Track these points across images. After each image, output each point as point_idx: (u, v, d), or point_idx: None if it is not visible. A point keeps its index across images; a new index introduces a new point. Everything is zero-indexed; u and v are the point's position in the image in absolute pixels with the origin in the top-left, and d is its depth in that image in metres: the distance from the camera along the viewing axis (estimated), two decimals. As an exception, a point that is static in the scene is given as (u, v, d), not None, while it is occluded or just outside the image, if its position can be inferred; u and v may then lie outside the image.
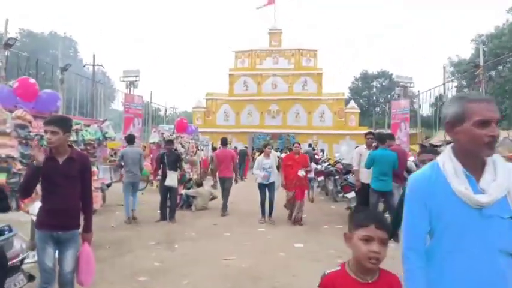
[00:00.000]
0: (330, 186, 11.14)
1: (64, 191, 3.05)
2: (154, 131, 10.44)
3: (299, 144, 8.26)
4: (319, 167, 13.54)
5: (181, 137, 10.56)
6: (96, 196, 7.01)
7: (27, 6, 79.01)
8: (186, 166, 10.97)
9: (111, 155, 22.23)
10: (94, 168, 6.66)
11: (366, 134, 7.66)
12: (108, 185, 10.19)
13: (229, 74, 30.29)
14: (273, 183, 8.04)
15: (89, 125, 6.53)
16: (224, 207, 9.09)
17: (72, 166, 3.08)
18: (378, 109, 53.19)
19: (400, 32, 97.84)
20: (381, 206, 7.16)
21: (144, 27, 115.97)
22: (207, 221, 8.27)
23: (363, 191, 7.30)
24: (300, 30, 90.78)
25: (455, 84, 37.71)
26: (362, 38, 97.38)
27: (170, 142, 8.57)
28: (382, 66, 60.85)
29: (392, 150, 6.45)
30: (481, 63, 12.73)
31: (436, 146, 18.01)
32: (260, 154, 9.74)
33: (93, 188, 6.85)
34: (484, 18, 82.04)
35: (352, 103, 30.94)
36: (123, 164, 8.06)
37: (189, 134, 11.04)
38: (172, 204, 8.22)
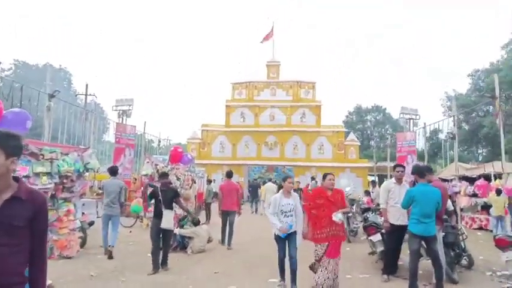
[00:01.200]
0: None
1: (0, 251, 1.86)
2: (148, 162, 9.21)
3: (333, 176, 5.56)
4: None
5: (177, 169, 9.40)
6: (72, 240, 5.78)
7: (23, 38, 79.32)
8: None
9: (99, 188, 20.92)
10: (70, 207, 5.46)
11: (394, 167, 6.58)
12: (91, 224, 8.89)
13: (226, 105, 29.59)
14: (294, 233, 5.53)
15: (67, 154, 5.38)
16: (229, 239, 8.76)
17: (18, 211, 1.90)
18: (372, 143, 53.13)
19: (394, 67, 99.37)
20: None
21: (140, 57, 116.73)
22: (207, 267, 6.98)
23: (393, 233, 6.19)
24: (298, 63, 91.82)
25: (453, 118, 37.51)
26: (357, 72, 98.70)
27: (165, 175, 7.18)
28: (376, 100, 61.76)
29: (434, 186, 5.37)
30: (497, 94, 11.98)
31: (447, 180, 17.06)
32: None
33: (68, 231, 5.66)
34: (477, 54, 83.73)
35: (351, 135, 30.20)
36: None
37: (184, 164, 9.88)
38: (165, 248, 6.84)
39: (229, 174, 9.52)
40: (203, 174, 17.91)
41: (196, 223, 8.51)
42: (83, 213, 7.99)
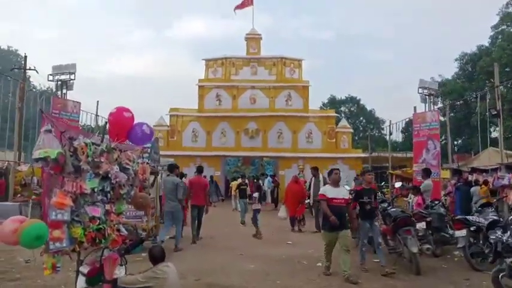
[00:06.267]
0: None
1: None
2: (48, 130, 4.04)
3: None
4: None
5: (121, 150, 4.63)
6: None
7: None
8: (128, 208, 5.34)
9: (39, 185, 15.96)
10: None
11: None
12: None
13: (199, 86, 25.06)
14: None
15: None
16: (198, 231, 9.30)
17: None
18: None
19: (378, 51, 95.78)
20: None
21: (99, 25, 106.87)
22: None
23: None
24: (281, 38, 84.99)
25: (440, 105, 34.80)
26: (338, 61, 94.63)
27: None
28: (350, 91, 59.06)
29: None
30: None
31: (486, 170, 13.71)
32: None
33: None
34: (461, 38, 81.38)
35: (343, 121, 26.58)
36: None
37: (138, 144, 5.05)
38: None
39: (199, 170, 10.01)
40: (172, 165, 13.48)
41: (154, 258, 4.15)
42: None
